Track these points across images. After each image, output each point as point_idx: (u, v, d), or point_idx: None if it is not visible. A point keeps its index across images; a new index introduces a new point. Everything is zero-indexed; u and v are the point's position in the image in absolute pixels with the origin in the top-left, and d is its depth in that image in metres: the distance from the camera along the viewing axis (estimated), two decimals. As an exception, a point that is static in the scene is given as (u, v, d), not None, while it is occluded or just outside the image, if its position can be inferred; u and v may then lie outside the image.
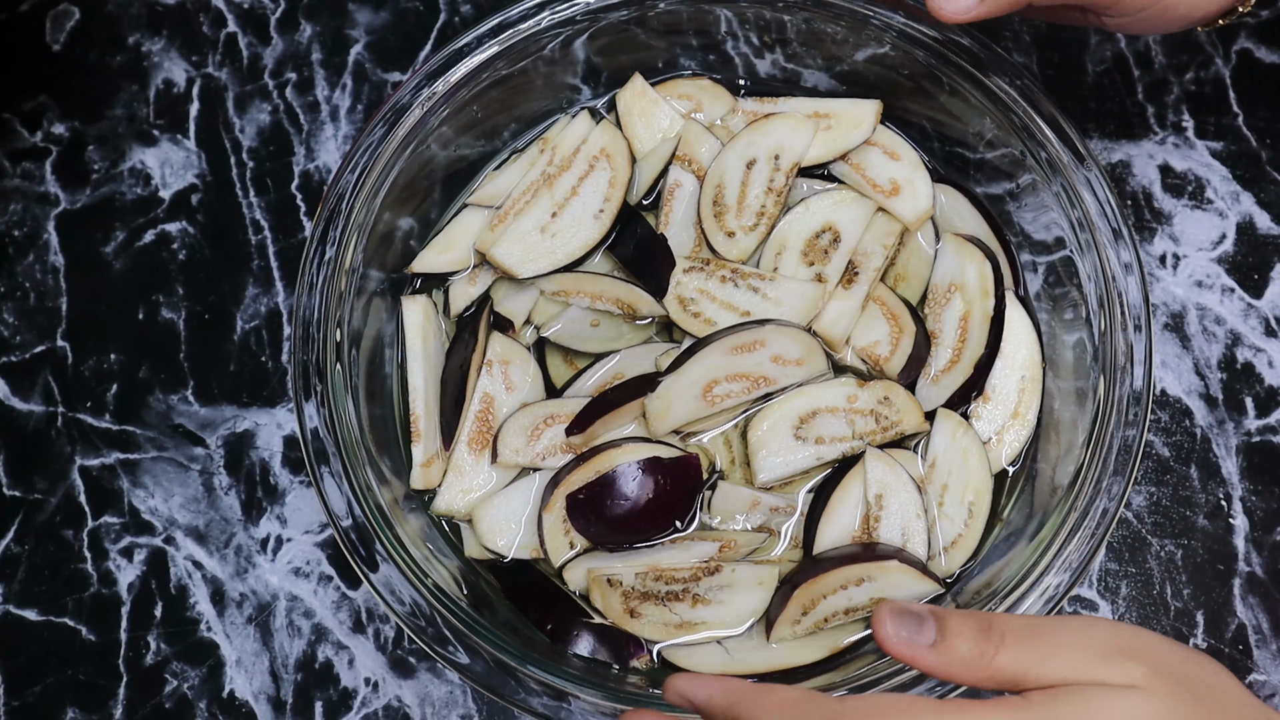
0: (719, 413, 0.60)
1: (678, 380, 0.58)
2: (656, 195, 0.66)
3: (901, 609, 0.42)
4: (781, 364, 0.58)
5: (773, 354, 0.59)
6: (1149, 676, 0.40)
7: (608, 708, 0.52)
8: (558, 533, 0.58)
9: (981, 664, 0.40)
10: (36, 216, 0.74)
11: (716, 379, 0.58)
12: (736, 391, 0.59)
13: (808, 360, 0.58)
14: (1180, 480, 0.65)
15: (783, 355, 0.59)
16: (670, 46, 0.68)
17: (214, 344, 0.71)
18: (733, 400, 0.59)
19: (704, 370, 0.59)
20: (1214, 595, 0.63)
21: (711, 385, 0.58)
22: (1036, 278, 0.63)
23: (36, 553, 0.67)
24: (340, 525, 0.55)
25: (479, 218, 0.66)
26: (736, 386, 0.58)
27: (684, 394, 0.58)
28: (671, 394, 0.58)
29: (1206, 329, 0.68)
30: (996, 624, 0.41)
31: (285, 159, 0.74)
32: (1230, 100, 0.72)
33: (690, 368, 0.58)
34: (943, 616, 0.41)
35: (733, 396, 0.59)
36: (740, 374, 0.58)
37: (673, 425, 0.59)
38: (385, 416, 0.62)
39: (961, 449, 0.59)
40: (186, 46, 0.77)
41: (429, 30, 0.77)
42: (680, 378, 0.58)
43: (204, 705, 0.64)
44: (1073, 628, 0.41)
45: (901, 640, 0.41)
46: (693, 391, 0.59)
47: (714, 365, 0.59)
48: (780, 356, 0.59)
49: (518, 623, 0.57)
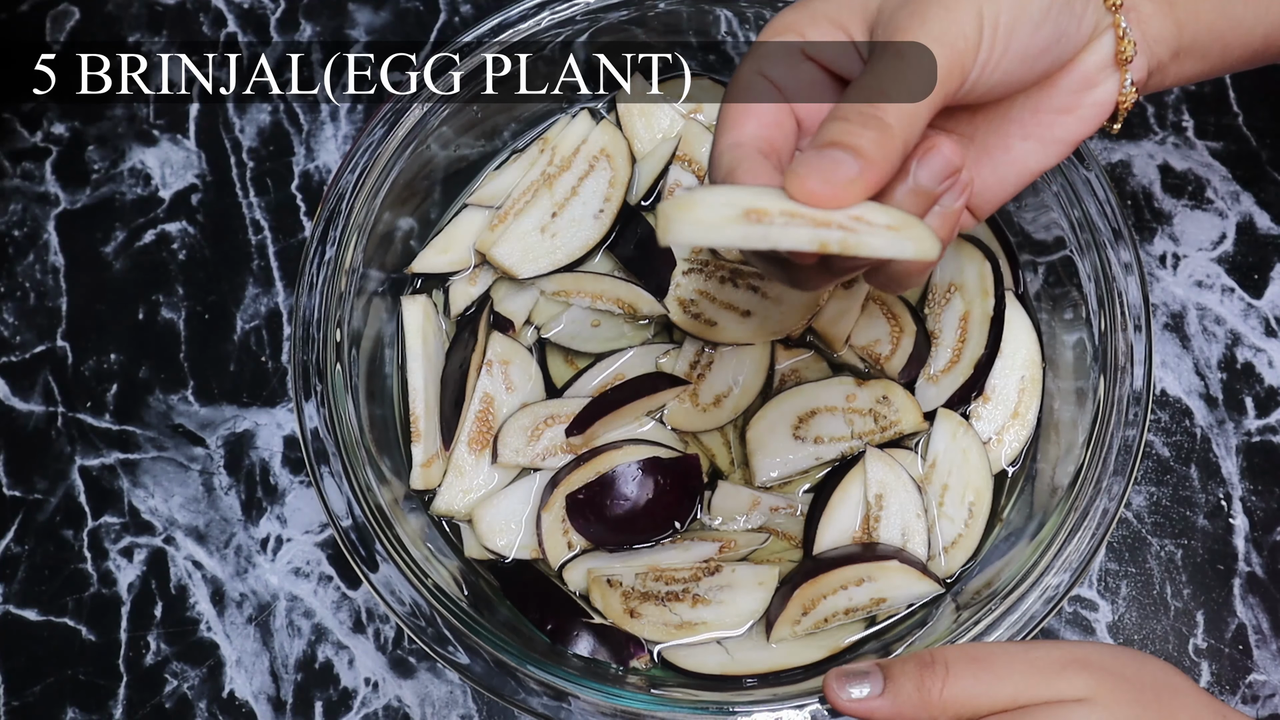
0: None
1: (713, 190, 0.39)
2: (656, 195, 0.66)
3: (844, 670, 0.43)
4: (867, 224, 0.38)
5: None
6: (1099, 686, 0.40)
7: (608, 708, 0.52)
8: (557, 533, 0.58)
9: (932, 698, 0.41)
10: (36, 216, 0.74)
11: (767, 209, 0.38)
12: (797, 224, 0.37)
13: (905, 229, 0.39)
14: (1180, 480, 0.65)
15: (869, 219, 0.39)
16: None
17: (214, 344, 0.71)
18: (790, 234, 0.37)
19: (754, 196, 0.39)
20: (1214, 595, 0.63)
21: (760, 213, 0.37)
22: (1036, 278, 0.63)
23: (36, 553, 0.67)
24: (340, 525, 0.55)
25: (479, 218, 0.66)
26: (797, 222, 0.38)
27: (719, 208, 0.37)
28: (701, 197, 0.38)
29: (1206, 329, 0.68)
30: (938, 656, 0.42)
31: (285, 159, 0.74)
32: (1230, 100, 0.72)
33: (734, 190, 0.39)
34: (885, 664, 0.43)
35: (791, 227, 0.37)
36: (801, 213, 0.38)
37: (695, 236, 0.37)
38: (385, 416, 0.62)
39: (961, 449, 0.59)
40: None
41: (429, 30, 0.77)
42: (714, 191, 0.39)
43: (204, 705, 0.64)
44: (1014, 651, 0.42)
45: (850, 699, 0.42)
46: (730, 210, 0.37)
47: (760, 194, 0.39)
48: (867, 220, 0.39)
49: (518, 623, 0.57)
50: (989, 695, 0.41)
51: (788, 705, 0.51)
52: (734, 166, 0.42)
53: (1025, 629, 0.52)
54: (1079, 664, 0.41)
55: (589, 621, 0.57)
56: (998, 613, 0.52)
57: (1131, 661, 0.42)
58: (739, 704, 0.52)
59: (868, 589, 0.56)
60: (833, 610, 0.56)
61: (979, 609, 0.53)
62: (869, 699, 0.42)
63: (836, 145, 0.39)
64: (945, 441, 0.60)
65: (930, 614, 0.57)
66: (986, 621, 0.52)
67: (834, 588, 0.56)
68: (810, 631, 0.57)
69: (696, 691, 0.54)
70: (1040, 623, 0.52)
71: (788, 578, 0.58)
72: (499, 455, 0.60)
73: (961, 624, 0.53)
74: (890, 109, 0.40)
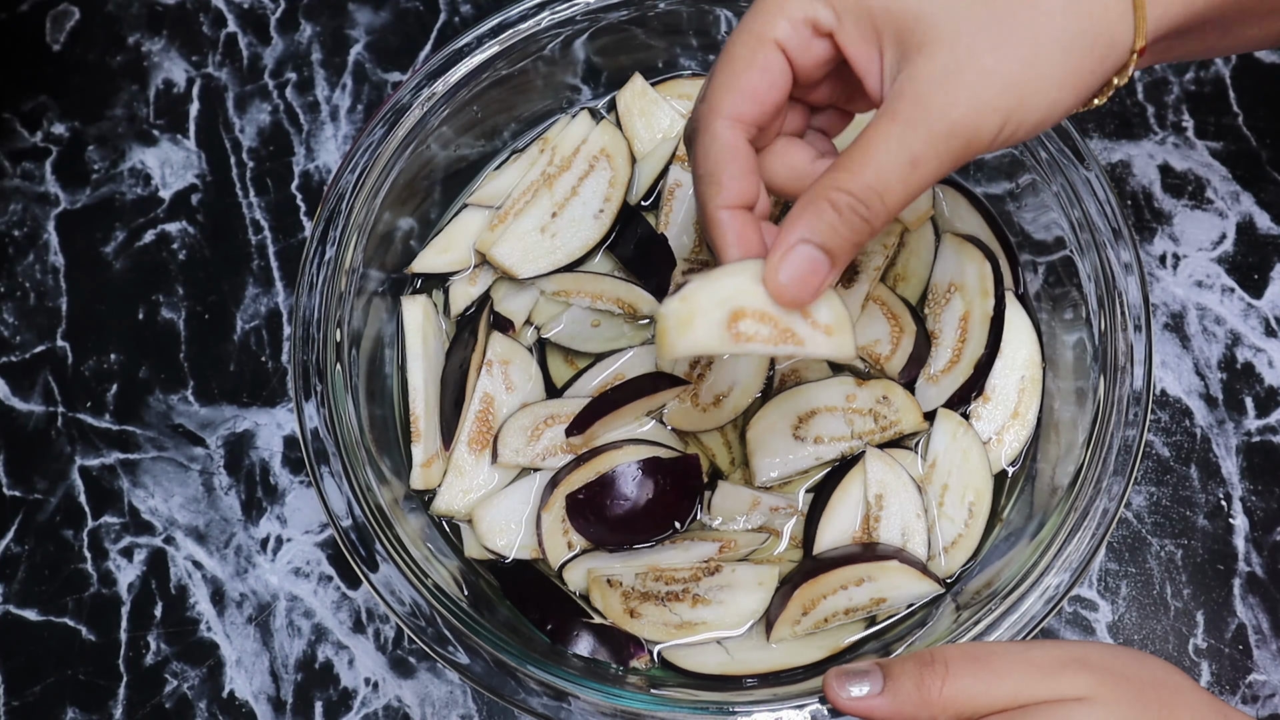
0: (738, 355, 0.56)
1: (707, 288, 0.44)
2: (656, 195, 0.66)
3: (844, 670, 0.43)
4: (813, 325, 0.46)
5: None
6: (1098, 685, 0.40)
7: (608, 708, 0.52)
8: (557, 533, 0.58)
9: (932, 697, 0.41)
10: (36, 216, 0.74)
11: (745, 310, 0.45)
12: (762, 337, 0.45)
13: (837, 332, 0.47)
14: (1180, 480, 0.65)
15: (816, 318, 0.47)
16: (670, 46, 0.68)
17: (214, 344, 0.71)
18: (756, 346, 0.45)
19: (734, 290, 0.45)
20: (1214, 595, 0.63)
21: (740, 316, 0.45)
22: (1036, 278, 0.63)
23: (36, 553, 0.67)
24: (340, 525, 0.55)
25: (479, 218, 0.66)
26: (764, 330, 0.46)
27: (710, 312, 0.45)
28: (696, 303, 0.44)
29: (1206, 329, 0.68)
30: (938, 655, 0.42)
31: (285, 159, 0.74)
32: (1230, 100, 0.72)
33: (722, 278, 0.45)
34: (885, 663, 0.43)
35: (757, 340, 0.45)
36: (770, 315, 0.46)
37: (690, 349, 0.45)
38: (385, 416, 0.62)
39: (961, 449, 0.59)
40: (186, 46, 0.77)
41: (429, 30, 0.77)
42: (710, 285, 0.45)
43: (204, 705, 0.64)
44: (1014, 650, 0.42)
45: (850, 697, 0.42)
46: (719, 314, 0.45)
47: (747, 289, 0.45)
48: (814, 320, 0.47)
49: (518, 623, 0.57)
50: (989, 694, 0.41)
51: (788, 705, 0.51)
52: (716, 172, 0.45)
53: (1025, 629, 0.52)
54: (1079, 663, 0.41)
55: (589, 621, 0.57)
56: (998, 613, 0.52)
57: (1132, 661, 0.42)
58: (739, 704, 0.52)
59: (868, 589, 0.56)
60: (833, 610, 0.56)
61: (979, 609, 0.53)
62: (869, 698, 0.42)
63: (813, 245, 0.43)
64: (945, 441, 0.60)
65: (930, 614, 0.57)
66: (986, 621, 0.52)
67: (834, 588, 0.56)
68: (810, 631, 0.57)
69: (696, 691, 0.54)
70: (1040, 623, 0.52)
71: (788, 578, 0.58)
72: (499, 455, 0.60)
73: (961, 624, 0.53)
74: (882, 202, 0.42)
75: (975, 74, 0.40)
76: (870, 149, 0.42)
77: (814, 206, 0.42)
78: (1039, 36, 0.41)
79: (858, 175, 0.42)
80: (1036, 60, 0.41)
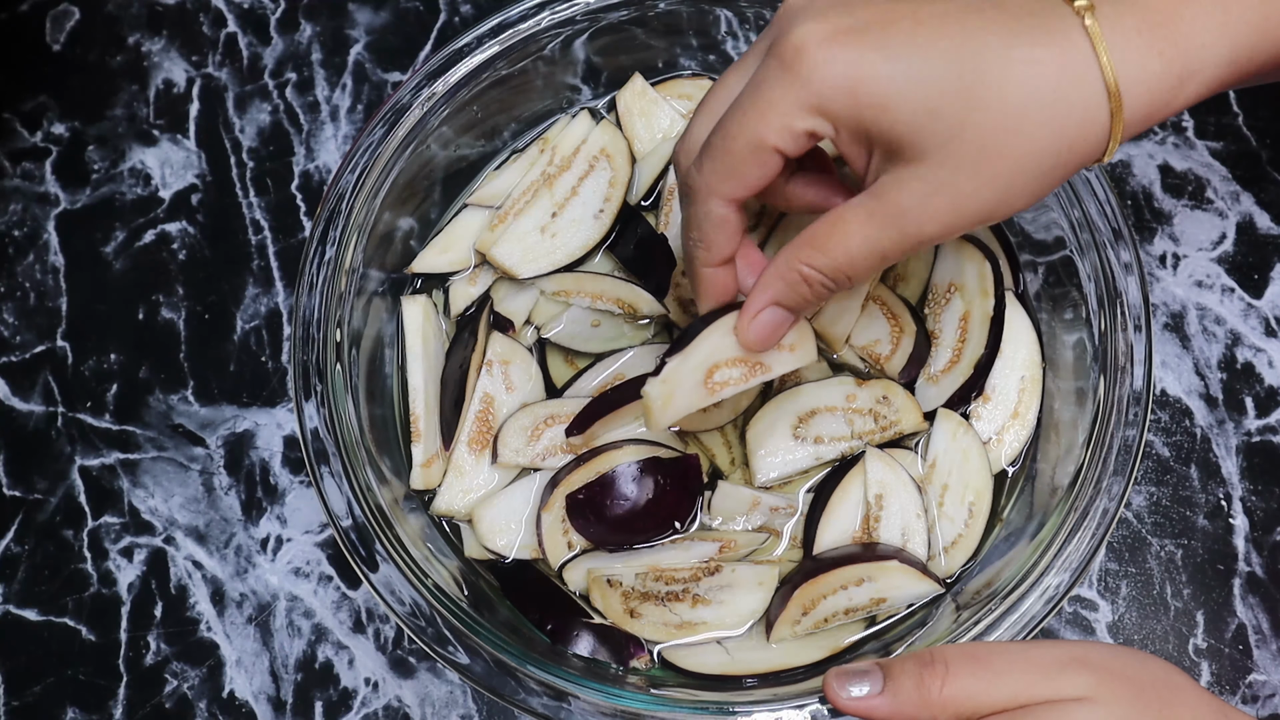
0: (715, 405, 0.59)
1: (684, 363, 0.52)
2: (656, 195, 0.66)
3: (845, 670, 0.43)
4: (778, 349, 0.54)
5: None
6: (1099, 685, 0.40)
7: (608, 708, 0.52)
8: (557, 533, 0.58)
9: (932, 696, 0.41)
10: (36, 216, 0.74)
11: (720, 363, 0.53)
12: (735, 379, 0.53)
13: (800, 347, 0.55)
14: (1180, 480, 0.65)
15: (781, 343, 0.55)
16: (670, 46, 0.68)
17: (214, 344, 0.71)
18: (730, 389, 0.53)
19: (709, 352, 0.52)
20: (1214, 595, 0.63)
21: (715, 369, 0.53)
22: (1036, 278, 0.63)
23: (36, 553, 0.67)
24: (340, 525, 0.55)
25: (479, 218, 0.66)
26: (737, 373, 0.54)
27: (688, 379, 0.53)
28: (676, 381, 0.52)
29: (1206, 329, 0.68)
30: (938, 655, 0.42)
31: (285, 159, 0.74)
32: (1230, 100, 0.72)
33: (697, 348, 0.52)
34: (885, 663, 0.43)
35: (731, 384, 0.53)
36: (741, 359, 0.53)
37: (675, 417, 0.53)
38: (385, 416, 0.62)
39: (961, 449, 0.59)
40: (186, 46, 0.77)
41: (429, 30, 0.77)
42: (686, 360, 0.52)
43: (204, 705, 0.64)
44: (1014, 650, 0.42)
45: (850, 697, 0.42)
46: (695, 377, 0.53)
47: (720, 345, 0.53)
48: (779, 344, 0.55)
49: (518, 623, 0.57)
50: (989, 694, 0.41)
51: (788, 705, 0.51)
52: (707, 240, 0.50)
53: (1025, 629, 0.52)
54: (1079, 663, 0.41)
55: (589, 621, 0.57)
56: (998, 613, 0.52)
57: (1132, 660, 0.42)
58: (739, 704, 0.52)
59: (868, 589, 0.56)
60: (833, 610, 0.56)
61: (979, 609, 0.53)
62: (869, 698, 0.42)
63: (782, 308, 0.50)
64: (945, 441, 0.60)
65: (930, 614, 0.57)
66: (986, 621, 0.52)
67: (834, 588, 0.56)
68: (810, 631, 0.57)
69: (696, 691, 0.54)
70: (1040, 623, 0.52)
71: (788, 578, 0.58)
72: (499, 455, 0.60)
73: (961, 624, 0.53)
74: (848, 279, 0.47)
75: (953, 198, 0.44)
76: (846, 236, 0.46)
77: (787, 277, 0.48)
78: (1021, 163, 0.43)
79: (830, 256, 0.47)
80: (1013, 184, 0.44)
